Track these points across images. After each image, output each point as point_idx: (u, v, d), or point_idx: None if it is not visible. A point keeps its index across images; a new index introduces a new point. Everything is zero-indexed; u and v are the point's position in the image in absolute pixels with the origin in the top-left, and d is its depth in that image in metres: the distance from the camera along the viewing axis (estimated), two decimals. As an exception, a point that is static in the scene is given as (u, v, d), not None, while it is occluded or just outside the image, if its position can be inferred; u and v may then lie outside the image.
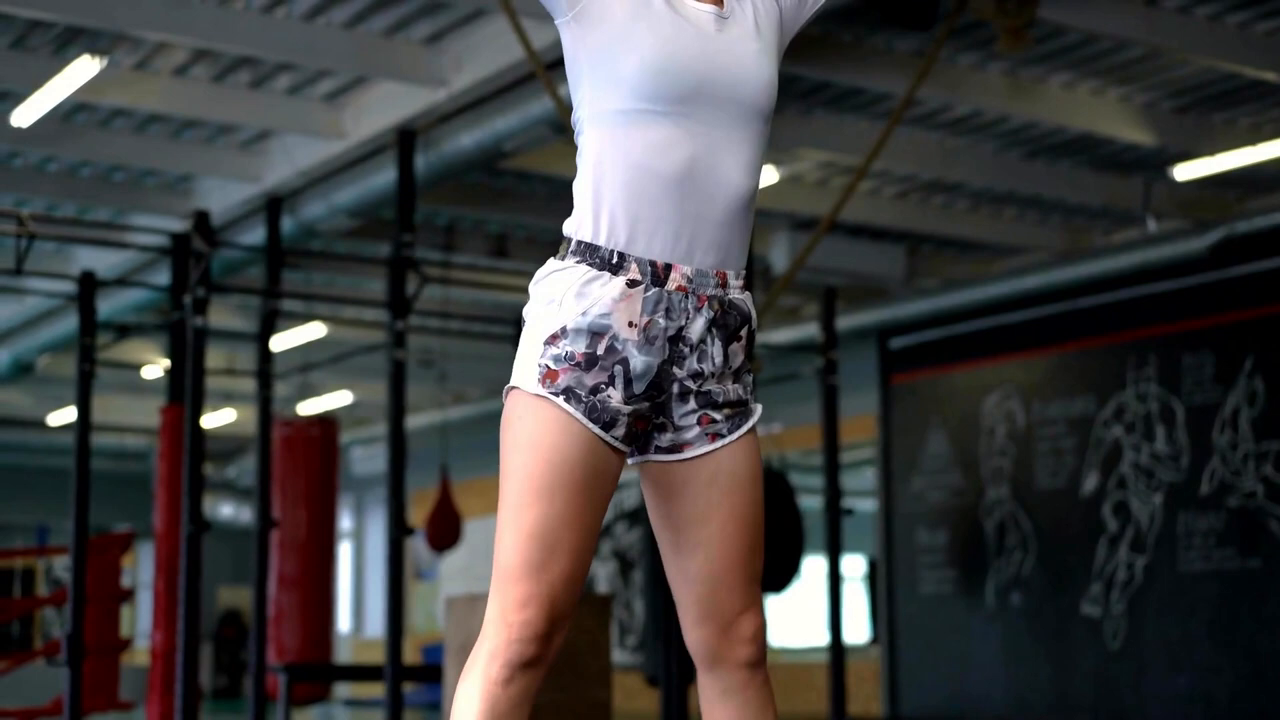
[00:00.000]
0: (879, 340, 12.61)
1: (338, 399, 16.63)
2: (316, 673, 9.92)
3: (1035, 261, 11.56)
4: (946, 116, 9.42)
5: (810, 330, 11.13)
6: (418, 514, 14.92)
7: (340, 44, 8.13)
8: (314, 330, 12.85)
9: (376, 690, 9.71)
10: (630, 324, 2.51)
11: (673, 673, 8.71)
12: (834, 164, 10.26)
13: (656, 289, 2.53)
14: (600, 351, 2.50)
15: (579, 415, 2.49)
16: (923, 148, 9.83)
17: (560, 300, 2.53)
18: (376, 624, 18.80)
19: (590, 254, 2.54)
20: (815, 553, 12.12)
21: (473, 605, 6.81)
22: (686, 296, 2.55)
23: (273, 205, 9.70)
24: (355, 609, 20.32)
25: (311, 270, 11.74)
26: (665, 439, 2.61)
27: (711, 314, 2.57)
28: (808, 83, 8.76)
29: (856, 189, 10.68)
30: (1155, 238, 10.35)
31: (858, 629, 14.81)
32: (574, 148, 2.67)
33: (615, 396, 2.51)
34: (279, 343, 12.97)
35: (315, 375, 15.15)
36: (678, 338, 2.55)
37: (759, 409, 2.69)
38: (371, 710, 14.97)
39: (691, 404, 2.59)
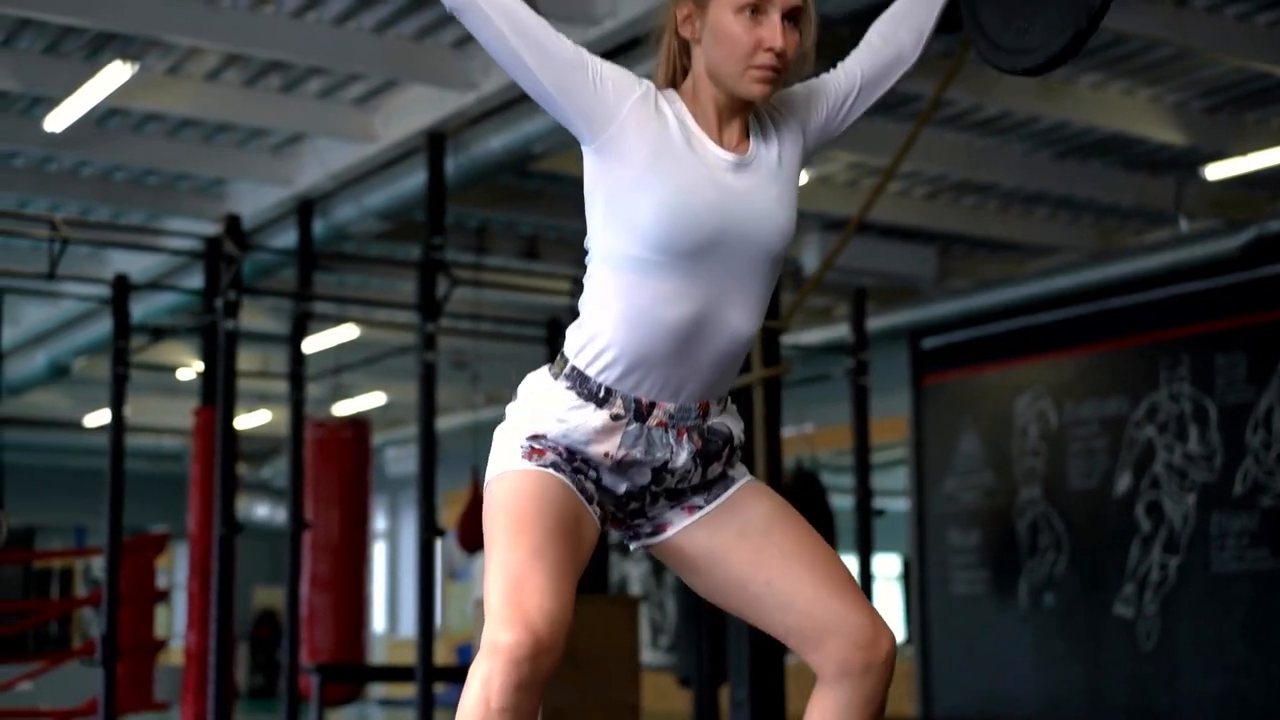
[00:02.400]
0: (911, 341, 12.59)
1: (371, 400, 16.69)
2: (348, 673, 9.97)
3: (1067, 262, 11.53)
4: (976, 117, 9.41)
5: (842, 331, 11.12)
6: (450, 515, 14.96)
7: (370, 48, 8.17)
8: (347, 332, 12.91)
9: (411, 690, 9.74)
10: (606, 454, 2.59)
11: (705, 673, 8.73)
12: (864, 165, 10.26)
13: (638, 424, 2.58)
14: (577, 462, 2.59)
15: (563, 477, 2.56)
16: (953, 148, 9.82)
17: (544, 413, 2.59)
18: (411, 624, 18.86)
19: (580, 384, 2.58)
20: (847, 553, 12.11)
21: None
22: (667, 430, 2.60)
23: (304, 208, 9.76)
24: (390, 609, 20.39)
25: (344, 273, 11.79)
26: (647, 526, 2.70)
27: (693, 445, 2.62)
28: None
29: (886, 190, 10.68)
30: (1187, 238, 10.32)
31: (893, 628, 14.80)
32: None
33: (590, 487, 2.60)
34: (312, 345, 13.04)
35: (349, 377, 15.21)
36: (661, 468, 2.62)
37: (744, 477, 2.73)
38: (406, 710, 15.01)
39: (665, 500, 2.68)
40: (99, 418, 16.38)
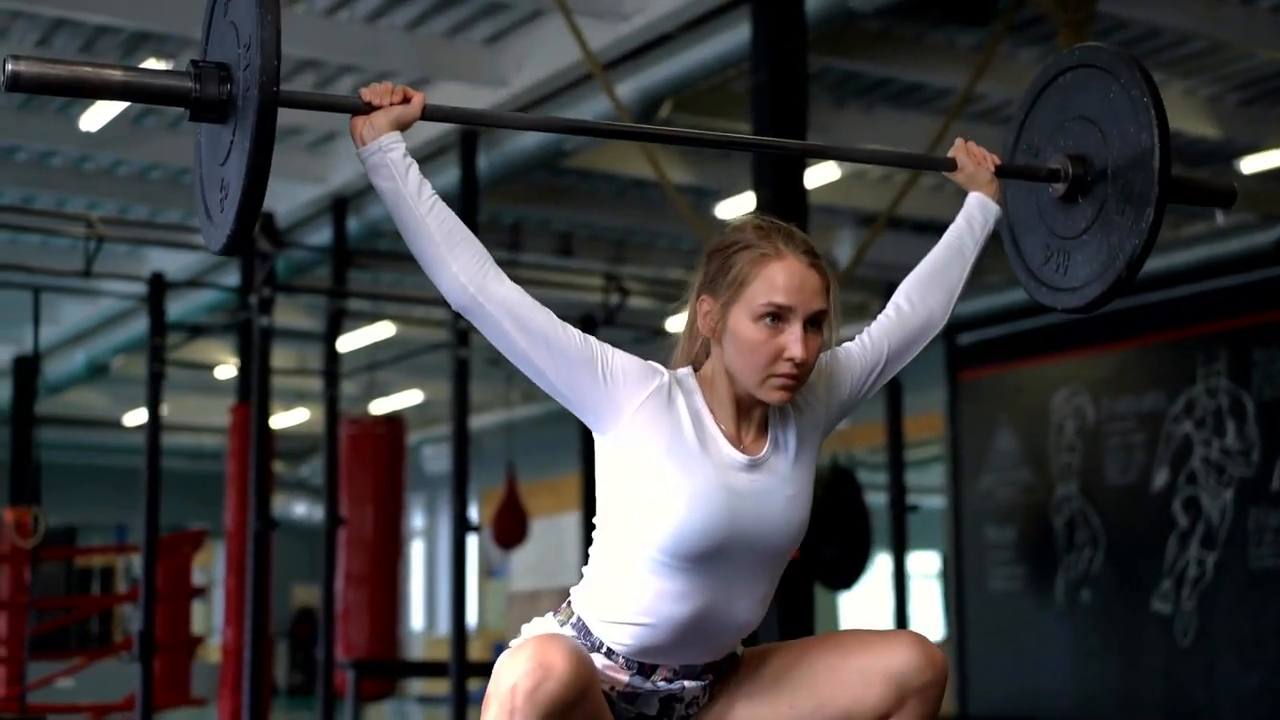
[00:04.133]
0: (946, 337, 12.56)
1: (409, 398, 16.74)
2: (383, 669, 10.01)
3: (1103, 256, 11.47)
4: (1009, 111, 9.38)
5: (876, 327, 11.10)
6: (487, 512, 15.00)
7: (402, 45, 8.20)
8: (383, 330, 12.96)
9: (447, 686, 9.78)
10: (613, 688, 2.56)
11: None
12: (897, 160, 10.23)
13: (641, 678, 2.56)
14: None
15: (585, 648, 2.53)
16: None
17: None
18: (448, 621, 18.93)
19: (584, 635, 2.56)
20: (884, 550, 12.11)
21: (534, 601, 6.85)
22: (671, 682, 2.58)
23: (338, 206, 9.81)
24: (428, 606, 20.46)
25: (379, 270, 11.84)
26: None
27: (704, 683, 2.61)
28: (869, 79, 8.76)
29: (921, 185, 10.67)
30: (1223, 231, 10.26)
31: (932, 626, 14.77)
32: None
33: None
34: (349, 342, 13.09)
35: (387, 375, 15.26)
36: (669, 698, 2.59)
37: (740, 654, 2.70)
38: (443, 706, 15.07)
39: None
40: (138, 416, 16.48)
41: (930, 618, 15.09)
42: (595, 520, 2.60)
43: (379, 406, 16.37)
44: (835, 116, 9.20)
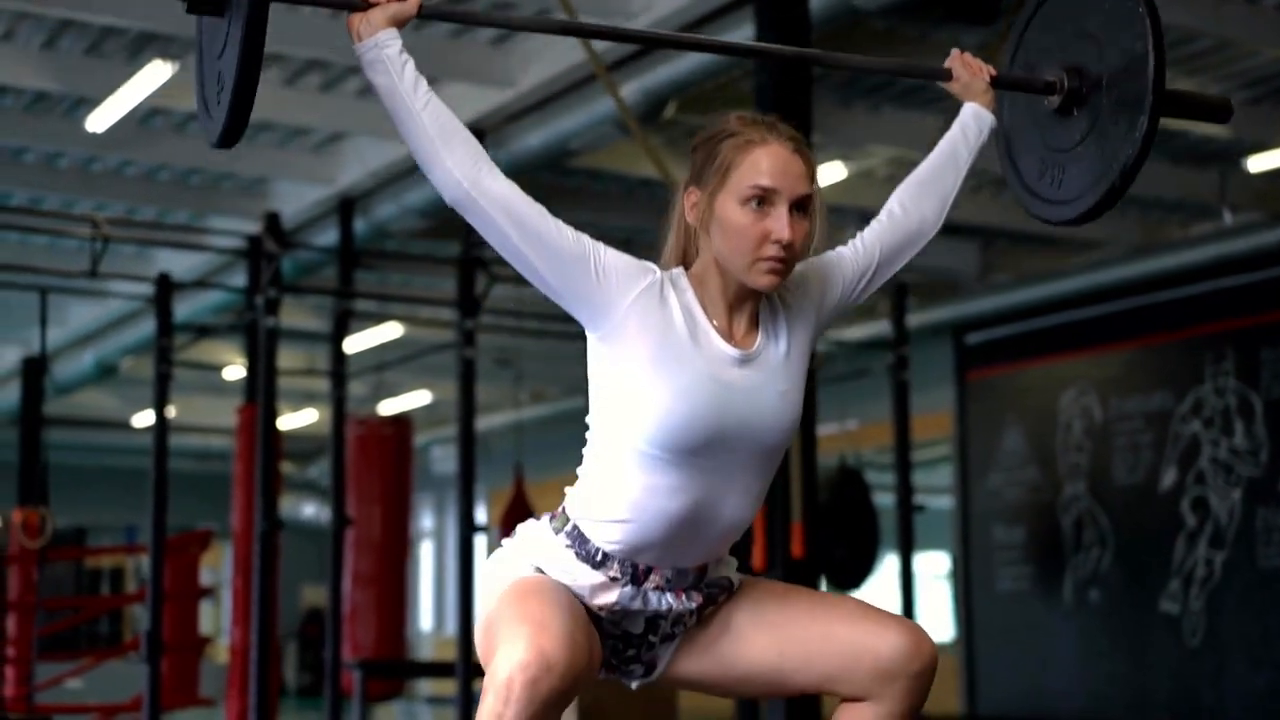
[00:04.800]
0: (954, 336, 12.55)
1: (417, 399, 16.75)
2: (390, 669, 10.02)
3: (1111, 256, 11.47)
4: (1016, 111, 9.36)
5: (883, 326, 11.08)
6: (495, 513, 15.01)
7: (409, 45, 8.11)
8: (391, 330, 12.97)
9: (454, 687, 9.81)
10: (601, 608, 2.58)
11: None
12: (903, 159, 10.22)
13: (633, 587, 2.57)
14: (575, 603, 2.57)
15: (565, 580, 2.56)
16: (993, 142, 9.77)
17: (540, 559, 2.59)
18: (456, 621, 18.93)
19: (579, 544, 2.57)
20: (892, 550, 12.09)
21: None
22: (664, 592, 2.59)
23: (345, 207, 9.82)
24: (437, 607, 20.48)
25: (386, 270, 11.85)
26: (639, 669, 2.68)
27: (692, 604, 2.61)
28: (875, 79, 8.75)
29: (928, 184, 10.65)
30: (1231, 230, 10.25)
31: (942, 626, 14.74)
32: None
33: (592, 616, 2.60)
34: (356, 343, 13.10)
35: (395, 375, 15.27)
36: (655, 617, 2.61)
37: (734, 584, 2.70)
38: (451, 707, 15.07)
39: (659, 644, 2.66)
40: (147, 417, 16.50)
41: (939, 618, 15.04)
42: (589, 420, 2.62)
43: (387, 407, 16.38)
44: (841, 116, 9.20)
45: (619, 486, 2.54)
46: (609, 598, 2.56)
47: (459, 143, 2.54)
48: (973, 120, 2.89)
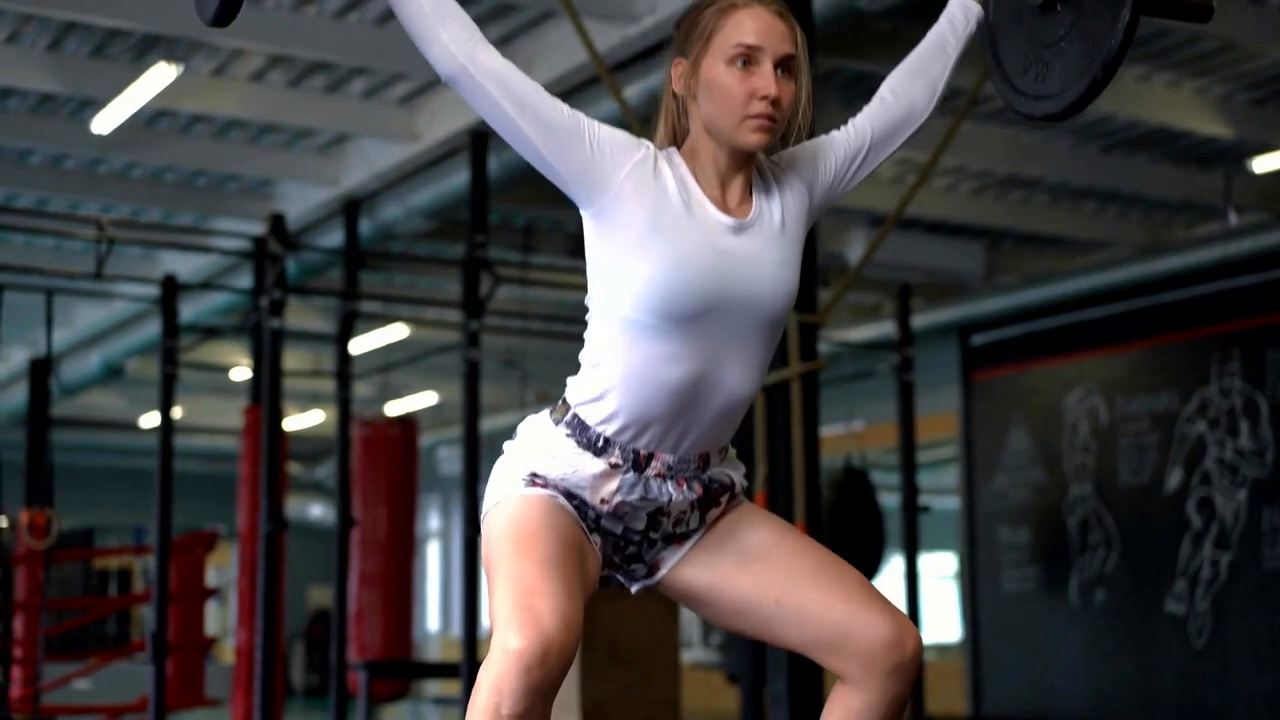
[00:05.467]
0: (960, 337, 12.55)
1: (423, 400, 16.77)
2: (395, 670, 10.03)
3: (1116, 257, 11.47)
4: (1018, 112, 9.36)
5: (889, 328, 11.11)
6: (502, 513, 15.00)
7: (412, 48, 8.13)
8: (397, 331, 12.98)
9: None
10: (602, 500, 2.59)
11: (751, 670, 8.72)
12: (909, 160, 10.23)
13: (635, 474, 2.59)
14: (576, 502, 2.60)
15: (562, 500, 2.58)
16: (998, 143, 9.79)
17: (542, 455, 2.60)
18: (465, 623, 18.93)
19: (580, 432, 2.59)
20: (898, 550, 12.10)
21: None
22: (665, 480, 2.61)
23: (350, 208, 9.83)
24: (444, 608, 20.49)
25: (392, 272, 11.87)
26: (641, 569, 2.70)
27: (693, 493, 2.63)
28: (879, 79, 8.72)
29: (933, 185, 10.66)
30: (1236, 231, 10.25)
31: (950, 627, 14.74)
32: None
33: (590, 522, 2.62)
34: (362, 344, 13.11)
35: (402, 377, 15.29)
36: (657, 512, 2.62)
37: (736, 485, 2.72)
38: (457, 707, 15.09)
39: (661, 546, 2.68)
40: (154, 418, 16.52)
41: (947, 619, 15.04)
42: (588, 304, 2.64)
43: (394, 408, 16.40)
44: (845, 117, 9.17)
45: (618, 361, 2.55)
46: (610, 487, 2.58)
47: (454, 19, 2.56)
48: (960, 12, 2.90)
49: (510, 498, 2.58)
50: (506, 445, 2.66)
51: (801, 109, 2.64)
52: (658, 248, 2.50)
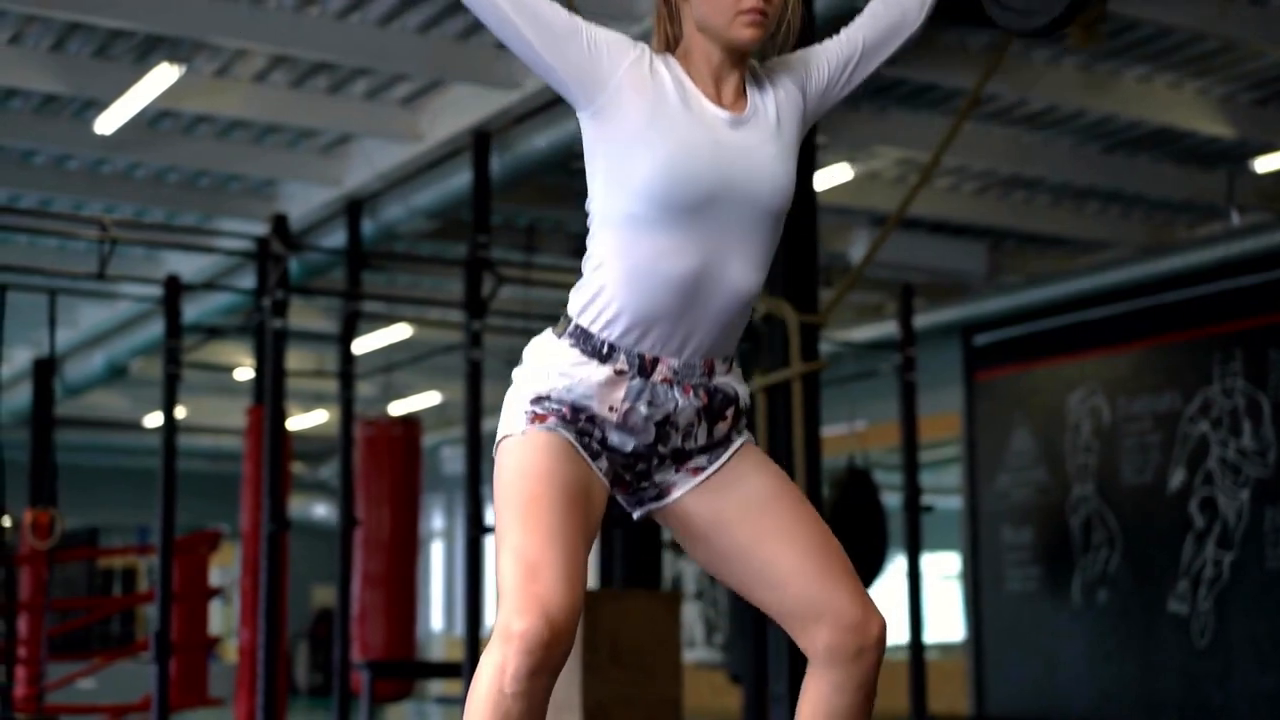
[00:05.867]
0: (963, 337, 12.55)
1: (427, 400, 16.78)
2: (397, 669, 10.04)
3: (1119, 256, 11.48)
4: (1022, 111, 9.38)
5: (891, 328, 11.11)
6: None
7: (415, 48, 8.23)
8: (400, 332, 12.99)
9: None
10: (611, 409, 2.59)
11: (753, 670, 8.72)
12: (911, 161, 10.24)
13: (641, 379, 2.59)
14: (582, 421, 2.59)
15: (567, 434, 2.57)
16: (1000, 143, 9.80)
17: (548, 372, 2.60)
18: (469, 622, 18.93)
19: (584, 340, 2.60)
20: (898, 550, 12.10)
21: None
22: (671, 386, 2.61)
23: (353, 208, 9.85)
24: (448, 607, 20.51)
25: (395, 272, 11.88)
26: (650, 491, 2.70)
27: (699, 402, 2.64)
28: (882, 80, 8.75)
29: (936, 185, 10.67)
30: (1239, 231, 10.25)
31: (953, 627, 14.73)
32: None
33: (595, 445, 2.61)
34: (366, 344, 13.13)
35: (406, 377, 15.30)
36: (664, 422, 2.63)
37: (744, 436, 2.75)
38: (460, 707, 15.09)
39: (671, 464, 2.69)
40: (158, 418, 16.53)
41: (950, 618, 15.03)
42: (589, 208, 2.66)
43: (398, 408, 16.41)
44: (848, 117, 9.21)
45: (620, 260, 2.57)
46: (618, 394, 2.58)
47: None
48: None
49: (516, 438, 2.58)
50: (515, 372, 2.66)
51: (791, 6, 2.67)
52: (658, 138, 2.53)
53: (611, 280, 2.58)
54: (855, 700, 2.65)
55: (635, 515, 2.75)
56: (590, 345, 2.59)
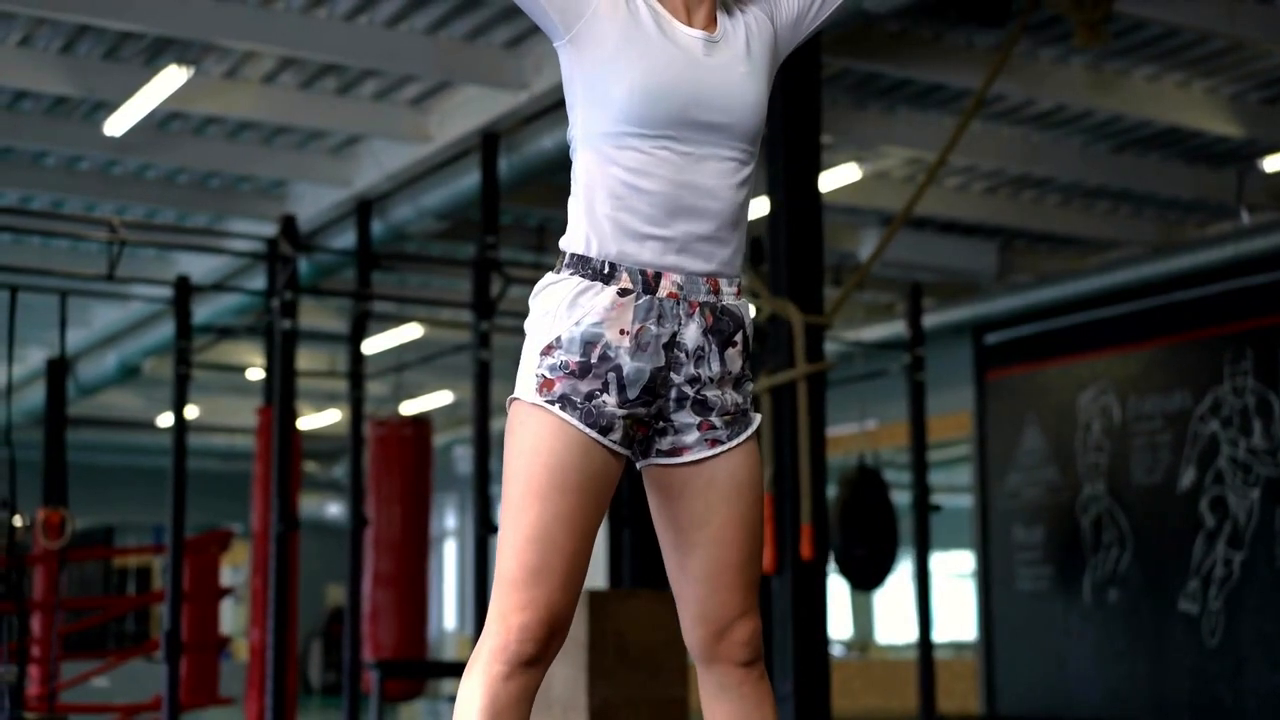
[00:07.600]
0: (974, 336, 12.56)
1: (439, 399, 16.81)
2: (408, 669, 10.06)
3: (1129, 256, 11.47)
4: (1031, 111, 9.38)
5: (901, 327, 11.12)
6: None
7: (423, 49, 8.25)
8: (411, 332, 13.02)
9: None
10: (622, 331, 2.58)
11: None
12: (919, 160, 10.24)
13: (648, 297, 2.59)
14: (594, 359, 2.57)
15: (575, 421, 2.56)
16: (1008, 143, 9.80)
17: (554, 312, 2.59)
18: (482, 621, 18.95)
19: (583, 266, 2.60)
20: (907, 548, 12.10)
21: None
22: (678, 303, 2.62)
23: (362, 209, 9.87)
24: (461, 606, 20.55)
25: (405, 272, 11.90)
26: (665, 442, 2.67)
27: (704, 321, 2.64)
28: (889, 80, 8.76)
29: (946, 185, 10.67)
30: (1249, 230, 10.24)
31: (966, 626, 14.73)
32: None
33: (610, 401, 2.58)
34: (376, 344, 13.16)
35: (418, 376, 15.32)
36: (673, 344, 2.62)
37: (758, 418, 2.76)
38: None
39: (690, 409, 2.66)
40: (171, 417, 16.57)
41: (962, 617, 15.02)
42: (569, 137, 2.69)
43: (409, 408, 16.44)
44: (856, 117, 9.22)
45: (604, 179, 2.60)
46: (627, 316, 2.58)
47: None
48: None
49: (527, 407, 2.58)
50: (526, 323, 2.67)
51: None
52: (635, 57, 2.59)
53: (596, 200, 2.60)
54: (749, 698, 2.70)
55: (639, 465, 2.73)
56: (590, 268, 2.59)
